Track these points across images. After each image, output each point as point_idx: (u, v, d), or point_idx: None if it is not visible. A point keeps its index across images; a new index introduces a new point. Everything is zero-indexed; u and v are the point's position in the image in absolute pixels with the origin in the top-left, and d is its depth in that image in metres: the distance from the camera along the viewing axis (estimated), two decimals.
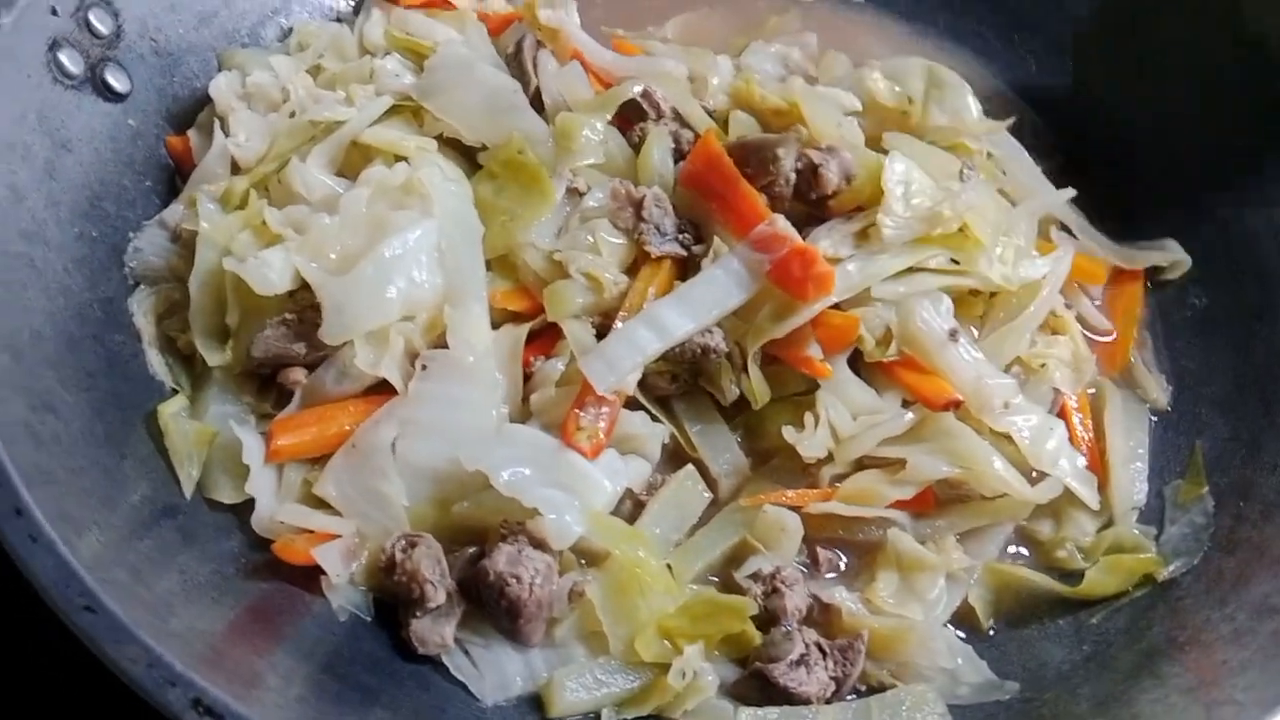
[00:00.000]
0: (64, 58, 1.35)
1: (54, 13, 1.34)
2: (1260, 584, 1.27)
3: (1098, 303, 1.59)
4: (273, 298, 1.30)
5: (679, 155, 1.47)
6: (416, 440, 1.27)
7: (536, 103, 1.51)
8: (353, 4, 1.72)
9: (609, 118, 1.47)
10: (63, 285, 1.27)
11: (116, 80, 1.42)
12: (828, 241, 1.34)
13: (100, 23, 1.40)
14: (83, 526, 1.04)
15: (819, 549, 1.34)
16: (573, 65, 1.55)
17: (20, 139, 1.28)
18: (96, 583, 0.96)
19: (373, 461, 1.26)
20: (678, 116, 1.52)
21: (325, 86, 1.53)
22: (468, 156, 1.46)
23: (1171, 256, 1.60)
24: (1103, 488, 1.41)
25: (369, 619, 1.23)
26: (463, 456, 1.23)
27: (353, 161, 1.43)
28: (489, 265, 1.38)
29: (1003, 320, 1.41)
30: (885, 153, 1.39)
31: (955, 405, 1.33)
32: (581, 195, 1.42)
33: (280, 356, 1.31)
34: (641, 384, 1.35)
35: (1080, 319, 1.53)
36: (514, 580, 1.17)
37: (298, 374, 1.32)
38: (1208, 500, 1.41)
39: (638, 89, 1.50)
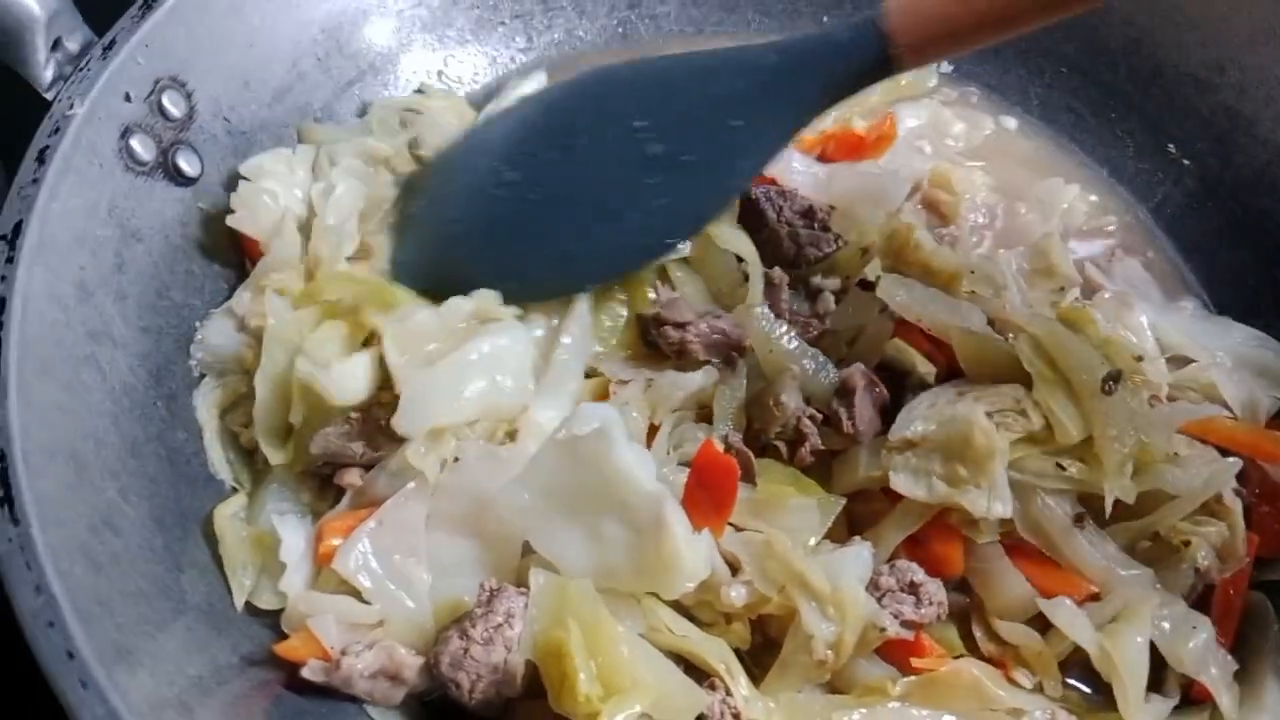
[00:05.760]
0: (136, 144, 1.33)
1: (127, 99, 1.32)
2: None
3: None
4: None
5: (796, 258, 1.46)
6: (442, 533, 1.23)
7: None
8: (435, 74, 1.70)
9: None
10: (127, 385, 1.25)
11: (188, 164, 1.40)
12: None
13: (173, 105, 1.38)
14: (136, 661, 1.01)
15: None
16: None
17: (91, 233, 1.25)
18: None
19: (401, 539, 1.21)
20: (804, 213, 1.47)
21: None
22: None
23: None
24: None
25: None
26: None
27: None
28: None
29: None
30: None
31: (1092, 599, 1.23)
32: None
33: (338, 455, 1.27)
34: None
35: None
36: (454, 686, 1.14)
37: (353, 475, 1.28)
38: None
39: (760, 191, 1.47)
